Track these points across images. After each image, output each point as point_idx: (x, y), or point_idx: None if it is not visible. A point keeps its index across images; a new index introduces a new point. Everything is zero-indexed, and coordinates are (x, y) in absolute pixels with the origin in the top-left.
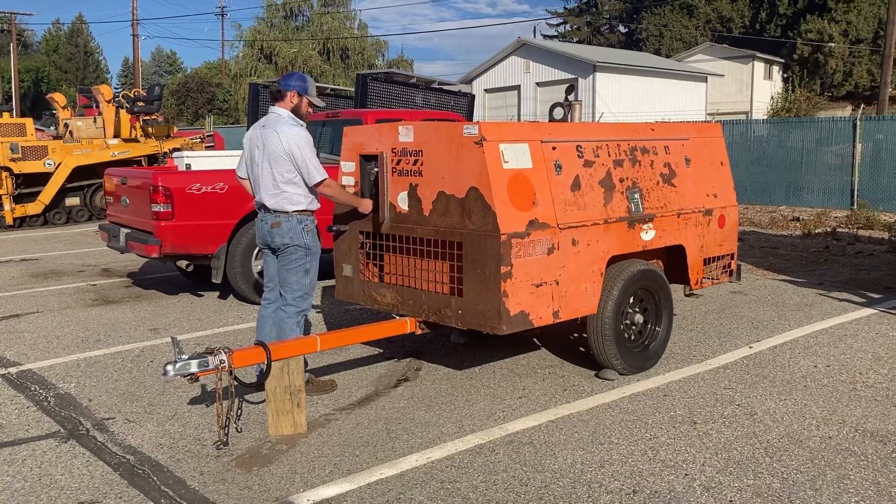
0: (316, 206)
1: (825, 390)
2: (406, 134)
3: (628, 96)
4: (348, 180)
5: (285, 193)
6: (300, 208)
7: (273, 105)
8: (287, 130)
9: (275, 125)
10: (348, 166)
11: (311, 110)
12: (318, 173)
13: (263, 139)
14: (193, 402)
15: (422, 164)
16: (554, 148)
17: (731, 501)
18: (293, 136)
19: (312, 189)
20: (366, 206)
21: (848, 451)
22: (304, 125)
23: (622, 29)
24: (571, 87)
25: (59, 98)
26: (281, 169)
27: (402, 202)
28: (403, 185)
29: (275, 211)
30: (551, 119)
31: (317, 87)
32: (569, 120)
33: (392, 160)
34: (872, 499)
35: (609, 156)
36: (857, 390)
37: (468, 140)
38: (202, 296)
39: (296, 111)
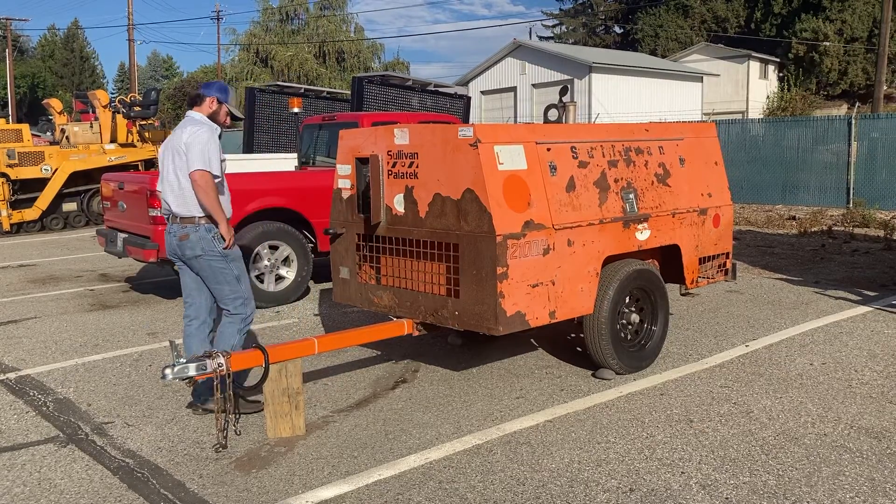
0: (228, 211)
1: (821, 388)
2: (402, 136)
3: (624, 97)
4: (344, 183)
5: (188, 195)
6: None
7: (190, 110)
8: (192, 128)
9: (184, 126)
10: (344, 169)
11: (228, 120)
12: (197, 161)
13: (171, 141)
14: (192, 405)
15: (417, 167)
16: (549, 149)
17: (727, 499)
18: (195, 131)
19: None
20: (229, 233)
21: (843, 447)
22: (218, 130)
23: (617, 30)
24: (565, 89)
25: (55, 103)
26: (183, 167)
27: (398, 204)
28: (399, 187)
29: (182, 218)
30: (546, 120)
31: (313, 90)
32: (563, 121)
33: (388, 163)
34: (867, 495)
35: (603, 156)
36: (853, 387)
37: (463, 142)
38: None
39: (213, 117)
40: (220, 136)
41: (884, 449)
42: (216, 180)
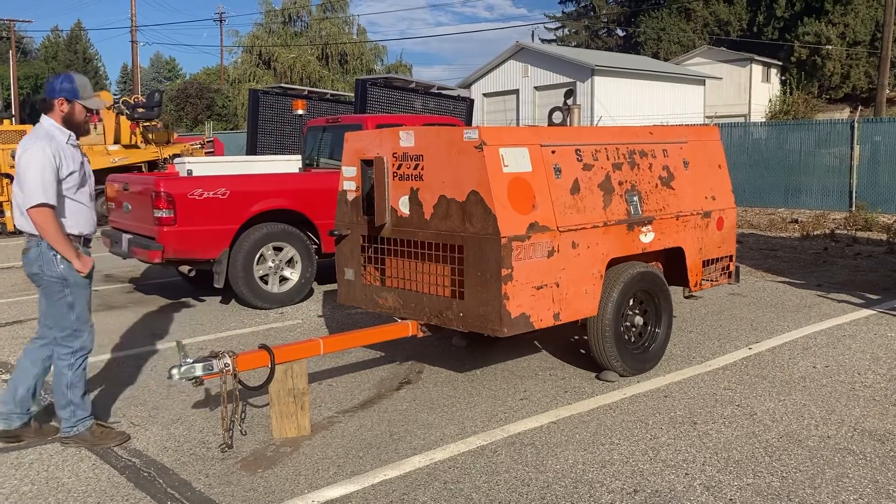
0: (80, 229)
1: (824, 390)
2: (407, 139)
3: (626, 100)
4: (350, 185)
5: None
6: None
7: (44, 115)
8: (28, 143)
9: (27, 138)
10: (350, 171)
11: (89, 115)
12: (33, 194)
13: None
14: (197, 405)
15: (422, 169)
16: (553, 152)
17: (731, 500)
18: (27, 149)
19: (71, 206)
20: (80, 264)
21: (846, 450)
22: (73, 136)
23: (620, 33)
24: (570, 92)
25: None
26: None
27: (404, 206)
28: (405, 189)
29: (27, 234)
30: (550, 123)
31: (317, 92)
32: (568, 124)
33: (393, 165)
34: (871, 496)
35: (608, 159)
36: (856, 390)
37: (468, 144)
38: (204, 301)
39: (68, 120)
40: (76, 140)
41: (887, 451)
42: (74, 190)
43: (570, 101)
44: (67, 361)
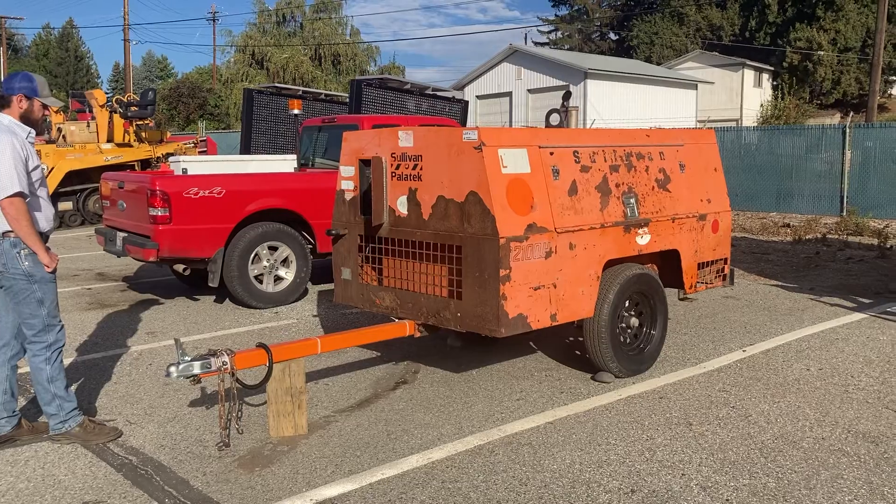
0: (42, 225)
1: (818, 393)
2: (406, 139)
3: (619, 103)
4: (348, 184)
5: None
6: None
7: None
8: None
9: None
10: (348, 171)
11: (46, 113)
12: (8, 186)
13: None
14: (193, 404)
15: (421, 169)
16: (551, 153)
17: (727, 500)
18: None
19: (34, 203)
20: (48, 259)
21: (841, 451)
22: (32, 133)
23: (613, 36)
24: (568, 94)
25: None
26: None
27: (402, 206)
28: (403, 189)
29: None
30: (548, 125)
31: (311, 92)
32: (565, 126)
33: (391, 164)
34: (866, 497)
35: (605, 161)
36: (849, 393)
37: (468, 145)
38: (198, 300)
39: (27, 117)
40: (34, 138)
41: (881, 453)
42: (28, 199)
43: (567, 103)
44: (43, 356)
